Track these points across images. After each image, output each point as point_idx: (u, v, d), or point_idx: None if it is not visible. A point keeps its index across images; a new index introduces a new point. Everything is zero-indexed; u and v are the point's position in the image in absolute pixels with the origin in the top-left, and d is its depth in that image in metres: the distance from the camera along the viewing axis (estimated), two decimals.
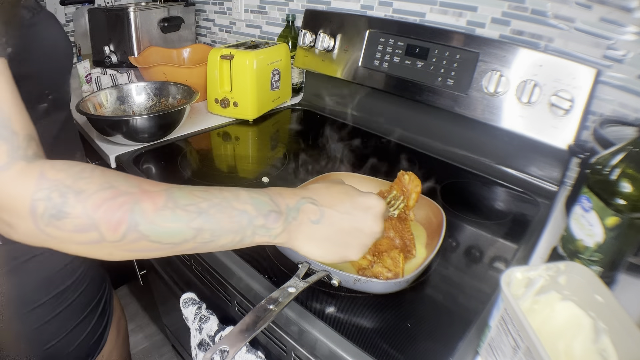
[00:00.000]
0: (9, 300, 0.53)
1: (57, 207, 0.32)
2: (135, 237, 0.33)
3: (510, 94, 0.75)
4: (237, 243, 0.38)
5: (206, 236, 0.35)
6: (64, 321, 0.59)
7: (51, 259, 0.56)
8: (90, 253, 0.35)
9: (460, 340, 0.45)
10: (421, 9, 0.91)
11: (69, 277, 0.59)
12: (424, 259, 0.55)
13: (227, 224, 0.36)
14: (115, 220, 0.32)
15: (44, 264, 0.55)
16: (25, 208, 0.32)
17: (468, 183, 0.80)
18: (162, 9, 1.36)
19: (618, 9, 0.65)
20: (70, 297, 0.59)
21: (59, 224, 0.32)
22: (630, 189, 0.43)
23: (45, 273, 0.55)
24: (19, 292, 0.54)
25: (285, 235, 0.40)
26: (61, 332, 0.59)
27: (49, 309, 0.56)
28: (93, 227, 0.33)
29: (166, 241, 0.34)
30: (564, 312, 0.40)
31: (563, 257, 0.53)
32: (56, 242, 0.34)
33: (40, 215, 0.32)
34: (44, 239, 0.33)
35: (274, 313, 0.41)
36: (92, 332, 0.64)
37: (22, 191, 0.32)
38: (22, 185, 0.32)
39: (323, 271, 0.48)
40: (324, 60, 1.04)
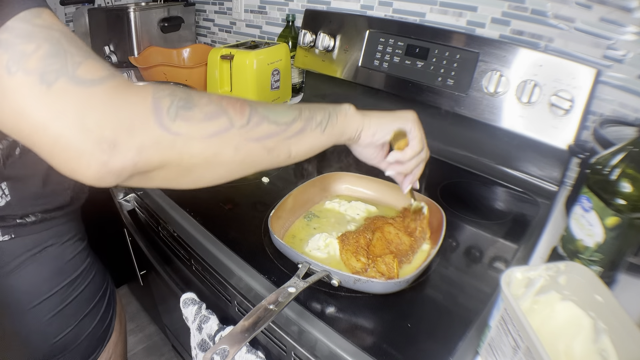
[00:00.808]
0: (22, 293, 0.54)
1: (184, 99, 0.33)
2: (257, 119, 0.37)
3: (510, 94, 0.75)
4: (327, 123, 0.44)
5: (306, 113, 0.42)
6: (74, 311, 0.60)
7: (62, 248, 0.57)
8: (218, 149, 0.35)
9: (460, 340, 0.45)
10: (421, 9, 0.91)
11: (79, 266, 0.60)
12: (424, 259, 0.55)
13: (317, 108, 0.44)
14: (239, 105, 0.35)
15: (55, 254, 0.56)
16: (146, 106, 0.31)
17: (468, 183, 0.80)
18: (162, 9, 1.36)
19: (618, 9, 0.65)
20: (80, 286, 0.60)
21: (189, 115, 0.33)
22: (630, 189, 0.43)
23: (56, 263, 0.57)
24: (31, 284, 0.54)
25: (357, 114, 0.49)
26: (71, 323, 0.60)
27: (60, 298, 0.58)
28: (222, 111, 0.34)
29: (282, 121, 0.39)
30: (564, 312, 0.40)
31: (563, 257, 0.53)
32: (182, 140, 0.33)
33: (166, 110, 0.32)
34: (168, 142, 0.32)
35: (274, 313, 0.41)
36: (100, 323, 0.65)
37: (140, 91, 0.31)
38: (136, 88, 0.31)
39: (323, 271, 0.48)
40: (324, 60, 1.04)
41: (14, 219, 0.51)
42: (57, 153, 0.30)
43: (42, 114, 0.29)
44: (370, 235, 0.57)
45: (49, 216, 0.55)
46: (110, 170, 0.31)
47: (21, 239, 0.53)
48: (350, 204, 0.66)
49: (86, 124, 0.29)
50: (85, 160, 0.30)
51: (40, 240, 0.55)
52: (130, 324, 1.43)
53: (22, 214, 0.52)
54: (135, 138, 0.31)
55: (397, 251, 0.55)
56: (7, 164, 0.48)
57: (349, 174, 0.71)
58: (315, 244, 0.57)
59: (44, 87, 0.29)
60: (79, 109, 0.29)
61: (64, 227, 0.58)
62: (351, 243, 0.55)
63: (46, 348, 0.58)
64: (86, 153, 0.29)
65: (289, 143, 0.41)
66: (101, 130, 0.29)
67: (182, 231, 0.64)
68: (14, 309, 0.54)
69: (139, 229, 0.84)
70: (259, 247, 0.58)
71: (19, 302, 0.54)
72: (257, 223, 0.63)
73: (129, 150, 0.30)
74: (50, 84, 0.29)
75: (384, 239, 0.56)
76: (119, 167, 0.31)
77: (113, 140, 0.30)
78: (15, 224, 0.51)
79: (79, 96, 0.29)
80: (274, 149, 0.40)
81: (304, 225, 0.62)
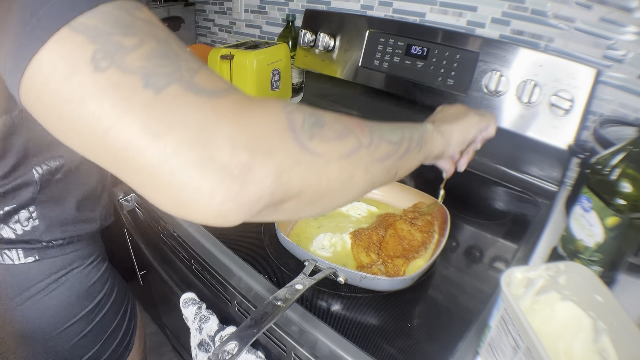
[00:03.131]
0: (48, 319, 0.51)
1: (313, 115, 0.28)
2: (377, 138, 0.33)
3: (511, 94, 0.75)
4: (422, 143, 0.42)
5: (408, 132, 0.39)
6: (99, 331, 0.57)
7: (87, 271, 0.54)
8: (352, 171, 0.30)
9: (460, 340, 0.45)
10: (421, 9, 0.91)
11: (103, 287, 0.57)
12: (428, 258, 0.55)
13: (412, 128, 0.42)
14: (357, 123, 0.32)
15: (80, 277, 0.53)
16: (281, 122, 0.25)
17: (468, 183, 0.80)
18: (162, 9, 1.36)
19: (618, 9, 0.65)
20: (104, 306, 0.57)
21: (323, 133, 0.28)
22: (630, 189, 0.43)
23: (82, 286, 0.54)
24: (57, 309, 0.51)
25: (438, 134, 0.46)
26: (96, 343, 0.57)
27: (86, 322, 0.55)
28: (349, 130, 0.30)
29: (394, 140, 0.36)
30: (564, 312, 0.40)
31: (563, 257, 0.53)
32: (321, 162, 0.27)
33: (300, 127, 0.26)
34: (307, 163, 0.26)
35: (282, 309, 0.41)
36: (121, 340, 0.63)
37: (270, 105, 0.26)
38: (265, 102, 0.26)
39: (329, 269, 0.48)
40: (324, 60, 1.04)
41: (39, 242, 0.48)
42: (161, 179, 0.22)
43: (145, 126, 0.21)
44: (383, 232, 0.57)
45: (76, 238, 0.52)
46: (241, 203, 0.23)
47: (46, 262, 0.49)
48: (352, 204, 0.66)
49: (212, 139, 0.22)
50: (207, 189, 0.22)
51: (65, 262, 0.51)
52: None
53: (49, 239, 0.49)
54: (274, 159, 0.24)
55: (410, 247, 0.55)
56: (42, 188, 0.45)
57: None
58: (319, 243, 0.57)
59: (149, 92, 0.22)
60: (201, 123, 0.22)
61: (88, 249, 0.55)
62: (364, 239, 0.55)
63: None
64: (211, 180, 0.22)
65: (399, 163, 0.38)
66: (233, 150, 0.22)
67: (182, 231, 0.64)
68: (38, 336, 0.51)
69: (139, 229, 0.84)
70: (259, 247, 0.58)
71: (44, 329, 0.51)
72: (257, 223, 0.63)
73: (267, 175, 0.24)
74: (159, 89, 0.22)
75: (397, 235, 0.56)
76: (254, 197, 0.24)
77: (248, 163, 0.23)
78: (40, 247, 0.48)
79: (201, 107, 0.22)
80: (390, 170, 0.36)
81: (308, 225, 0.62)
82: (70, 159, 0.46)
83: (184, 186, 0.22)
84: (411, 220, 0.59)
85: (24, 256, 0.48)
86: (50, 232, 0.48)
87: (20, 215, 0.45)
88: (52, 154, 0.44)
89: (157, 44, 0.23)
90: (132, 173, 0.23)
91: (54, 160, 0.45)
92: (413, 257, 0.54)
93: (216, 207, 0.23)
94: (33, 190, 0.45)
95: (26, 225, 0.46)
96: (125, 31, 0.22)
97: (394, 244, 0.55)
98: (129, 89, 0.21)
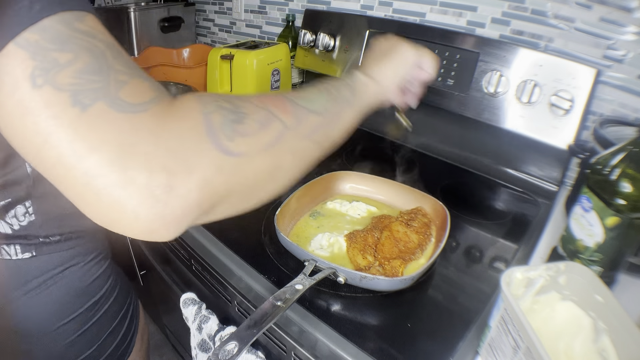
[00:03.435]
0: (44, 315, 0.50)
1: (232, 110, 0.28)
2: (301, 114, 0.33)
3: (511, 94, 0.75)
4: (353, 98, 0.42)
5: (334, 92, 0.39)
6: (96, 332, 0.56)
7: (86, 268, 0.54)
8: (278, 158, 0.30)
9: (460, 340, 0.45)
10: (421, 9, 0.91)
11: (103, 286, 0.56)
12: (427, 258, 0.55)
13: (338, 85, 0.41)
14: (280, 102, 0.31)
15: (79, 274, 0.53)
16: (199, 129, 0.25)
17: (468, 183, 0.80)
18: (162, 9, 1.36)
19: (618, 9, 0.65)
20: (104, 305, 0.57)
21: (244, 128, 0.28)
22: (630, 189, 0.43)
23: (80, 284, 0.53)
24: (53, 306, 0.51)
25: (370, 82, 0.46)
26: (94, 343, 0.56)
27: (83, 320, 0.54)
28: (271, 116, 0.30)
29: (320, 108, 0.36)
30: (564, 312, 0.40)
31: (563, 257, 0.53)
32: (245, 160, 0.27)
33: (220, 128, 0.26)
34: (231, 167, 0.26)
35: (282, 309, 0.41)
36: (121, 340, 0.62)
37: (188, 110, 0.26)
38: (183, 107, 0.26)
39: (329, 269, 0.48)
40: (324, 60, 1.04)
41: (36, 238, 0.48)
42: (89, 198, 0.23)
43: (70, 145, 0.22)
44: (379, 234, 0.57)
45: (75, 235, 0.51)
46: (168, 221, 0.24)
47: (43, 258, 0.49)
48: (351, 205, 0.66)
49: (130, 162, 0.23)
50: (130, 210, 0.23)
51: (63, 259, 0.51)
52: None
53: (45, 235, 0.48)
54: (195, 174, 0.24)
55: (406, 249, 0.55)
56: (36, 183, 0.45)
57: (353, 173, 0.71)
58: (318, 243, 0.57)
59: (76, 110, 0.23)
60: (120, 144, 0.23)
61: (88, 247, 0.54)
62: (359, 241, 0.55)
63: None
64: (133, 201, 0.23)
65: (331, 130, 0.37)
66: (151, 172, 0.23)
67: None
68: (34, 332, 0.51)
69: None
70: (259, 247, 0.58)
71: (40, 325, 0.51)
72: (257, 223, 0.63)
73: (190, 191, 0.24)
74: (85, 107, 0.23)
75: (392, 237, 0.56)
76: (180, 213, 0.24)
77: (168, 184, 0.23)
78: (37, 243, 0.48)
79: (121, 126, 0.23)
80: (322, 141, 0.36)
81: (307, 225, 0.62)
82: None
83: (109, 206, 0.23)
84: (407, 221, 0.58)
85: (21, 252, 0.47)
86: (47, 227, 0.48)
87: (16, 210, 0.45)
88: None
89: (90, 59, 0.24)
90: (65, 189, 0.24)
91: None
92: (410, 258, 0.54)
93: (143, 226, 0.24)
94: (27, 184, 0.44)
95: (22, 221, 0.46)
96: (62, 47, 0.23)
97: (389, 245, 0.55)
98: (59, 106, 0.23)
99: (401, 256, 0.54)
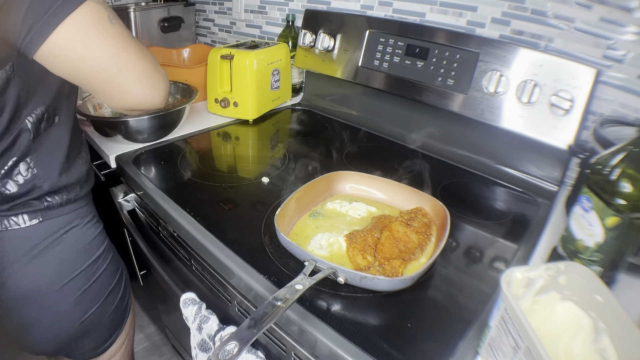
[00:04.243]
0: (51, 274, 0.58)
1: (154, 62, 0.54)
2: None
3: (510, 94, 0.75)
4: None
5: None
6: (98, 288, 0.64)
7: (85, 229, 0.62)
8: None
9: (460, 340, 0.45)
10: (421, 9, 0.91)
11: (100, 245, 0.65)
12: (428, 258, 0.55)
13: None
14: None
15: (80, 234, 0.61)
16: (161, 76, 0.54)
17: (468, 183, 0.80)
18: (162, 9, 1.36)
19: (618, 9, 0.65)
20: (103, 264, 0.65)
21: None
22: (630, 189, 0.43)
23: (81, 243, 0.61)
24: (59, 265, 0.58)
25: None
26: (97, 301, 0.64)
27: (86, 277, 0.62)
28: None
29: None
30: (564, 312, 0.40)
31: (563, 257, 0.53)
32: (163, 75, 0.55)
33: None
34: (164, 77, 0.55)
35: (282, 309, 0.41)
36: (120, 301, 0.69)
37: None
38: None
39: (329, 269, 0.48)
40: (324, 60, 1.04)
41: (41, 201, 0.55)
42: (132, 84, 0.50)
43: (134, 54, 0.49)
44: (379, 234, 0.57)
45: (73, 197, 0.60)
46: (160, 100, 0.54)
47: (48, 222, 0.57)
48: (351, 205, 0.66)
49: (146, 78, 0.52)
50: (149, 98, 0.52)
51: (65, 222, 0.59)
52: None
53: (48, 189, 0.56)
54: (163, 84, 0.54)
55: (406, 249, 0.55)
56: (35, 137, 0.53)
57: (353, 173, 0.71)
58: (317, 243, 0.57)
59: (134, 37, 0.50)
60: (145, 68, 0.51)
61: (86, 209, 0.63)
62: (359, 241, 0.55)
63: (73, 329, 0.62)
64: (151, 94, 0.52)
65: None
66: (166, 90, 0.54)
67: (182, 231, 0.64)
68: (44, 291, 0.58)
69: (139, 229, 0.84)
70: (259, 247, 0.58)
71: (48, 284, 0.58)
72: (257, 223, 0.63)
73: (164, 88, 0.54)
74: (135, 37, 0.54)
75: (392, 237, 0.56)
76: (163, 97, 0.54)
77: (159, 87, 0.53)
78: (43, 208, 0.56)
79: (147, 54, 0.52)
80: None
81: (307, 225, 0.62)
82: (49, 105, 0.54)
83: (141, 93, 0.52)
84: (407, 221, 0.58)
85: (29, 219, 0.55)
86: (47, 179, 0.56)
87: (20, 167, 0.53)
88: (36, 103, 0.52)
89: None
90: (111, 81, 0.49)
91: (39, 106, 0.52)
92: (409, 258, 0.54)
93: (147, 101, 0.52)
94: (28, 138, 0.52)
95: (26, 175, 0.54)
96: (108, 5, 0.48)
97: (389, 245, 0.55)
98: (126, 34, 0.49)
99: (401, 256, 0.54)
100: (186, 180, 0.76)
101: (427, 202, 0.64)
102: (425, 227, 0.58)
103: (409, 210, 0.62)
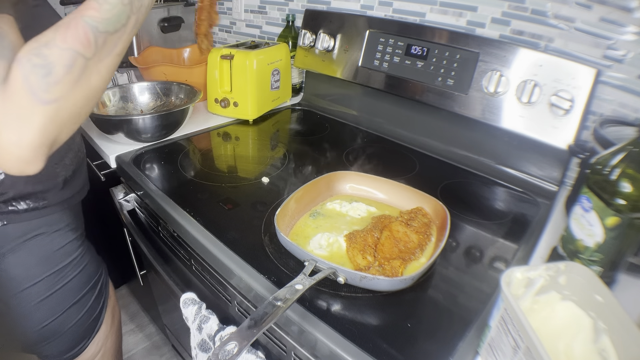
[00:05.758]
0: (10, 278, 0.58)
1: (43, 65, 0.35)
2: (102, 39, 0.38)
3: (510, 94, 0.75)
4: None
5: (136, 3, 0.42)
6: (61, 299, 0.62)
7: (52, 237, 0.61)
8: (86, 82, 0.38)
9: (460, 340, 0.45)
10: (421, 9, 0.91)
11: (68, 256, 0.63)
12: (428, 258, 0.55)
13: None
14: (83, 35, 0.36)
15: (44, 242, 0.60)
16: (23, 92, 0.34)
17: (468, 183, 0.80)
18: (162, 9, 1.36)
19: (618, 9, 0.65)
20: (69, 275, 0.63)
21: (54, 78, 0.35)
22: (630, 189, 0.43)
23: (45, 251, 0.60)
24: (20, 269, 0.58)
25: None
26: (58, 310, 0.62)
27: (48, 285, 0.61)
28: (75, 54, 0.36)
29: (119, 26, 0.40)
30: (564, 312, 0.40)
31: (563, 257, 0.53)
32: (63, 101, 0.36)
33: (37, 86, 0.34)
34: (53, 112, 0.35)
35: (282, 309, 0.41)
36: (88, 313, 0.67)
37: (13, 81, 0.34)
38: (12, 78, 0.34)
39: (329, 269, 0.48)
40: (324, 60, 1.04)
41: (6, 205, 0.55)
42: None
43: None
44: (379, 234, 0.57)
45: (41, 205, 0.58)
46: (28, 161, 0.36)
47: (13, 226, 0.56)
48: (351, 205, 0.66)
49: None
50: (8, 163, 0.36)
51: (31, 228, 0.58)
52: (130, 324, 1.43)
53: (13, 195, 0.55)
54: (33, 124, 0.35)
55: (406, 249, 0.55)
56: None
57: (353, 173, 0.71)
58: (317, 242, 0.57)
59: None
60: None
61: (56, 217, 0.61)
62: (359, 241, 0.55)
63: (33, 334, 0.61)
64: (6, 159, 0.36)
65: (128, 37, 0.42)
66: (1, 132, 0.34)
67: (182, 231, 0.64)
68: (8, 292, 0.58)
69: (139, 229, 0.84)
70: (259, 247, 0.58)
71: (8, 287, 0.58)
72: (257, 223, 0.63)
73: (33, 137, 0.35)
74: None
75: (392, 237, 0.56)
76: (33, 154, 0.36)
77: (13, 139, 0.34)
78: (7, 211, 0.55)
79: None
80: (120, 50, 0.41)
81: (307, 225, 0.62)
82: None
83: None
84: (407, 221, 0.58)
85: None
86: (14, 185, 0.54)
87: None
88: None
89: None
90: None
91: None
92: (409, 258, 0.54)
93: (14, 167, 0.36)
94: None
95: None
96: None
97: (389, 245, 0.55)
98: None
99: (401, 256, 0.54)
100: (186, 180, 0.76)
101: (427, 202, 0.64)
102: (425, 227, 0.58)
103: (409, 210, 0.62)
